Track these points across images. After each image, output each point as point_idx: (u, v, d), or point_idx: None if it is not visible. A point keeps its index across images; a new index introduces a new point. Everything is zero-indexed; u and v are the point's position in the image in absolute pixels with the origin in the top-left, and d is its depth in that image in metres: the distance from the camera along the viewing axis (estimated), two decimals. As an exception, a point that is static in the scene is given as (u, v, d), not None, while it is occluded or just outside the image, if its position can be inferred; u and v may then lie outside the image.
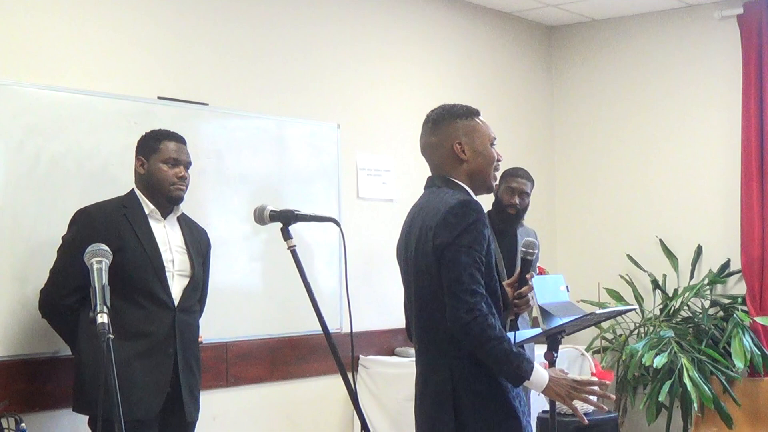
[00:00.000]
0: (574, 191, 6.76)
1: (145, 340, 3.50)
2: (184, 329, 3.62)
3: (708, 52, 6.26)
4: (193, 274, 3.70)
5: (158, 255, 3.58)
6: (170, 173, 3.66)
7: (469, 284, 2.74)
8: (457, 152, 2.95)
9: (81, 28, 4.17)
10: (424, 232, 2.87)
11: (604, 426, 5.13)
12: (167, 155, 3.67)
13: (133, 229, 3.57)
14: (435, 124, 3.01)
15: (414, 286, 2.94)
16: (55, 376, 3.80)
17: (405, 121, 5.68)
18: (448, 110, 3.01)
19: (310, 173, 5.03)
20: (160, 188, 3.66)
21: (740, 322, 5.72)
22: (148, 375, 3.48)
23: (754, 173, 5.88)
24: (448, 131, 2.97)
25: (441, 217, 2.81)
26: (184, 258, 3.69)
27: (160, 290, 3.56)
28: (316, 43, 5.20)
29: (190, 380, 3.64)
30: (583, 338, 5.81)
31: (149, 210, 3.65)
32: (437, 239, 2.80)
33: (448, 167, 2.97)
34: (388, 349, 5.40)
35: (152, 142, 3.70)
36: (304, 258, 3.09)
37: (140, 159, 3.70)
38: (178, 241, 3.70)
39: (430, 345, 2.91)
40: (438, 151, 2.99)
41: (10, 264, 3.77)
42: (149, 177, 3.66)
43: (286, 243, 3.09)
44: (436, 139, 2.99)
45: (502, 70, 6.45)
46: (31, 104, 3.90)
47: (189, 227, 3.80)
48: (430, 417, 2.91)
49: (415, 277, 2.93)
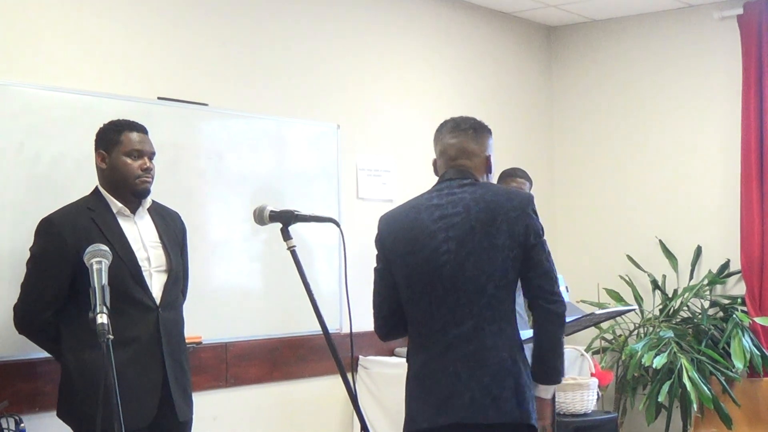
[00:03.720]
0: (574, 191, 6.77)
1: (131, 347, 3.36)
2: (169, 328, 3.49)
3: (708, 53, 6.26)
4: (171, 268, 3.54)
5: (132, 257, 3.42)
6: (134, 166, 3.46)
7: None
8: (489, 164, 3.22)
9: (81, 28, 4.17)
10: (503, 215, 3.04)
11: (604, 426, 5.14)
12: (130, 147, 3.47)
13: (102, 232, 3.37)
14: (477, 133, 3.21)
15: (472, 264, 3.02)
16: (55, 377, 3.78)
17: (405, 121, 5.69)
18: (482, 124, 3.26)
19: (309, 173, 5.04)
20: (125, 183, 3.46)
21: (740, 322, 5.72)
22: (139, 381, 3.36)
23: (753, 173, 5.88)
24: (486, 143, 3.23)
25: (526, 205, 3.11)
26: (159, 253, 3.53)
27: (140, 293, 3.42)
28: (316, 43, 5.21)
29: (180, 379, 3.51)
30: (583, 338, 5.81)
31: (117, 209, 3.46)
32: (532, 227, 3.08)
33: (478, 174, 3.18)
34: (388, 350, 5.40)
35: (112, 134, 3.49)
36: (303, 258, 3.09)
37: (101, 153, 3.50)
38: (151, 236, 3.53)
39: (487, 323, 3.03)
40: (476, 158, 3.19)
41: (10, 265, 3.76)
42: (112, 172, 3.47)
43: (286, 243, 3.09)
44: (477, 148, 3.20)
45: (502, 71, 6.45)
46: (31, 104, 3.90)
47: (161, 216, 3.61)
48: (490, 392, 2.98)
49: (482, 254, 3.03)
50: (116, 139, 3.49)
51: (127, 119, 3.58)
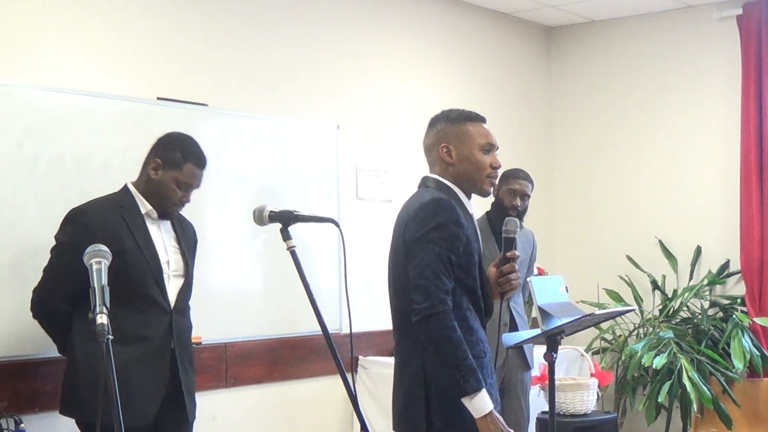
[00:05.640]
0: (574, 192, 6.77)
1: (141, 344, 3.43)
2: (180, 331, 3.56)
3: (707, 53, 6.26)
4: (187, 274, 3.63)
5: (156, 259, 3.50)
6: (178, 194, 3.54)
7: (432, 279, 2.81)
8: (442, 155, 3.04)
9: (81, 28, 4.17)
10: (399, 227, 3.00)
11: (604, 427, 5.13)
12: (184, 179, 3.54)
13: (131, 231, 3.45)
14: (430, 126, 3.12)
15: (389, 279, 3.07)
16: (55, 377, 3.78)
17: (404, 121, 5.69)
18: (444, 114, 3.10)
19: (309, 174, 5.04)
20: (161, 202, 3.54)
21: (739, 322, 5.72)
22: (144, 380, 3.41)
23: (753, 174, 5.88)
24: (438, 134, 3.07)
25: (413, 212, 2.93)
26: (178, 258, 3.61)
27: (158, 294, 3.49)
28: (315, 43, 5.21)
29: (187, 381, 3.59)
30: (583, 339, 5.81)
31: (146, 210, 3.53)
32: (407, 233, 2.92)
33: (438, 168, 3.07)
34: (388, 350, 5.39)
35: (178, 156, 3.53)
36: (303, 259, 3.09)
37: (156, 162, 3.53)
38: (172, 241, 3.61)
39: (403, 337, 2.99)
40: (430, 152, 3.11)
41: (10, 265, 3.77)
42: (156, 186, 3.53)
43: (286, 244, 3.09)
44: (430, 141, 3.10)
45: (501, 71, 6.45)
46: (30, 105, 3.90)
47: (180, 223, 3.68)
48: (405, 406, 2.95)
49: (391, 270, 3.06)
50: (178, 164, 3.53)
51: (199, 147, 3.60)
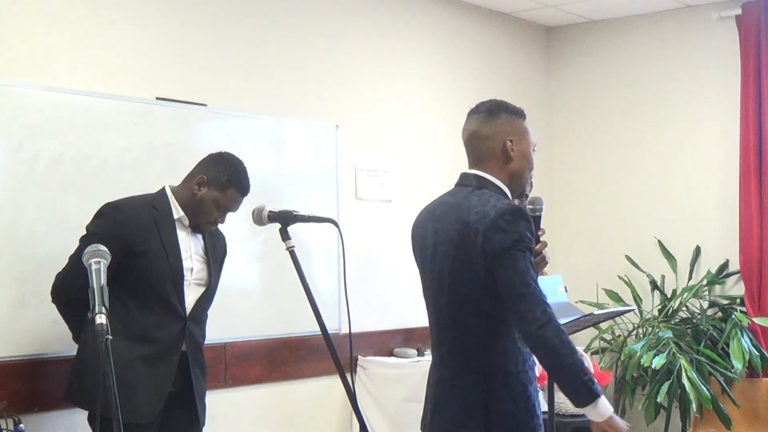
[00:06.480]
0: (572, 191, 6.77)
1: (150, 345, 3.45)
2: (193, 338, 3.58)
3: (706, 53, 6.26)
4: (209, 284, 3.64)
5: (179, 264, 3.51)
6: (215, 215, 3.57)
7: (535, 287, 2.63)
8: (507, 149, 2.83)
9: (80, 28, 4.17)
10: (466, 233, 2.71)
11: (603, 427, 5.13)
12: (226, 203, 3.57)
13: (159, 233, 3.47)
14: (490, 115, 2.88)
15: (446, 288, 2.78)
16: (55, 377, 3.79)
17: (404, 121, 5.69)
18: (504, 105, 2.91)
19: (308, 174, 5.03)
20: (196, 216, 3.56)
21: (739, 322, 5.72)
22: (149, 379, 3.44)
23: (752, 174, 5.88)
24: (503, 126, 2.86)
25: (491, 221, 2.67)
26: (202, 267, 3.62)
27: (175, 299, 3.50)
28: (314, 43, 5.21)
29: (199, 387, 3.62)
30: (582, 339, 5.80)
31: (178, 215, 3.55)
32: (488, 243, 2.66)
33: (492, 163, 2.84)
34: (387, 350, 5.40)
35: (225, 179, 3.56)
36: (302, 259, 3.10)
37: (202, 178, 3.56)
38: (199, 249, 3.63)
39: (462, 349, 2.77)
40: (486, 143, 2.85)
41: (9, 265, 3.76)
42: (197, 201, 3.55)
43: (285, 244, 3.10)
44: (489, 131, 2.85)
45: (500, 71, 6.45)
46: (30, 105, 3.90)
47: (212, 234, 3.71)
48: (455, 422, 2.76)
49: (449, 278, 2.77)
50: (222, 186, 3.56)
51: (246, 174, 3.63)
